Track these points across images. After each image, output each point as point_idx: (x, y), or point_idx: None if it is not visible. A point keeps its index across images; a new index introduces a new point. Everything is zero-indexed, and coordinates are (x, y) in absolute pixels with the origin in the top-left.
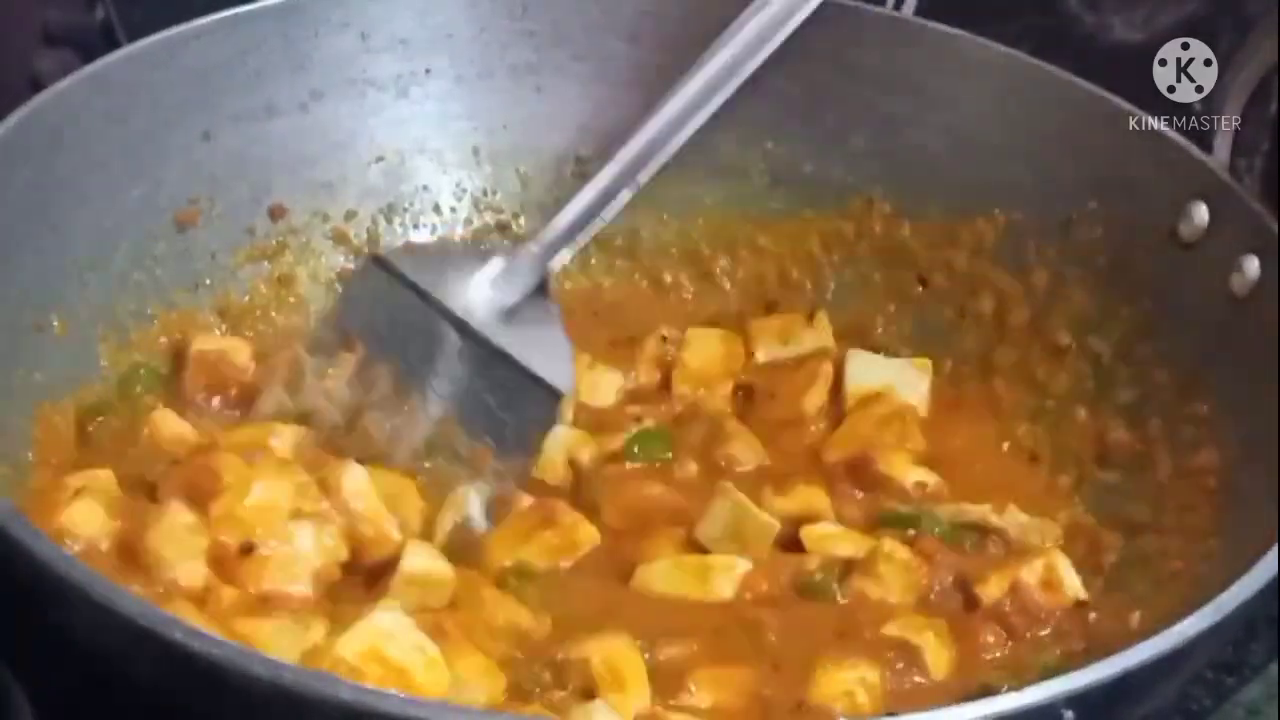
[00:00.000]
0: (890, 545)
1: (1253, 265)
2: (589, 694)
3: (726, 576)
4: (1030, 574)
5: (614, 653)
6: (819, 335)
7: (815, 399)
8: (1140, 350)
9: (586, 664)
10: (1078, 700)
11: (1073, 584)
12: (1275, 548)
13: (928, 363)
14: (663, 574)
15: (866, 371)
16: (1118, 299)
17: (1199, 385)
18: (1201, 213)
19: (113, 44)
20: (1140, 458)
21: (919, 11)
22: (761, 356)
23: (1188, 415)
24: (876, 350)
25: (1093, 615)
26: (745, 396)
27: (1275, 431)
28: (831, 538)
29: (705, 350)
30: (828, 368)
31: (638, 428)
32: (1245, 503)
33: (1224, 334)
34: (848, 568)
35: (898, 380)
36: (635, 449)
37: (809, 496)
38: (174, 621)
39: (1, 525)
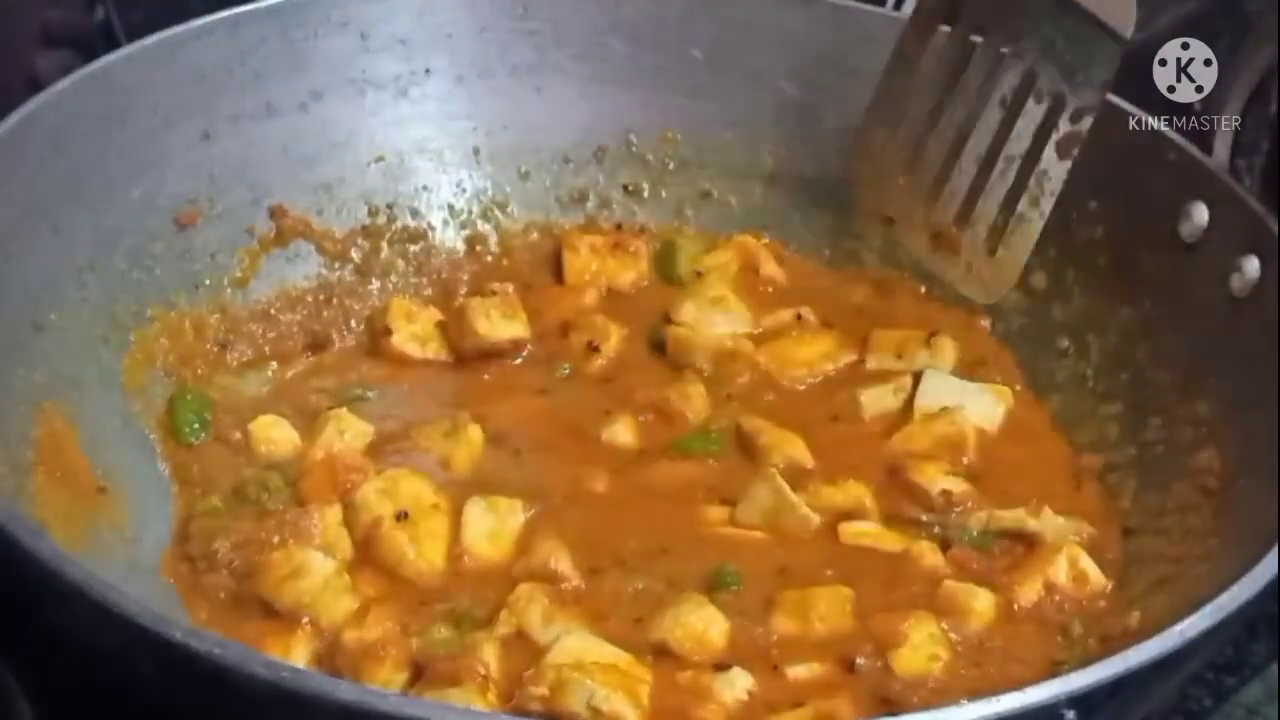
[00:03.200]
0: (920, 550)
1: (1253, 265)
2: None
3: None
4: (1058, 572)
5: (691, 620)
6: (934, 357)
7: (876, 400)
8: (1141, 350)
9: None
10: (1078, 700)
11: (1096, 574)
12: (1275, 548)
13: (1006, 390)
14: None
15: (938, 391)
16: (1119, 299)
17: (1199, 385)
18: (1201, 213)
19: (113, 44)
20: (1138, 457)
21: None
22: (872, 364)
23: (1189, 415)
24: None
25: (1101, 603)
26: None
27: (1275, 431)
28: (869, 536)
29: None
30: (905, 380)
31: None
32: (1245, 502)
33: (1224, 334)
34: None
35: (970, 403)
36: (691, 444)
37: (857, 492)
38: (174, 622)
39: (1, 525)
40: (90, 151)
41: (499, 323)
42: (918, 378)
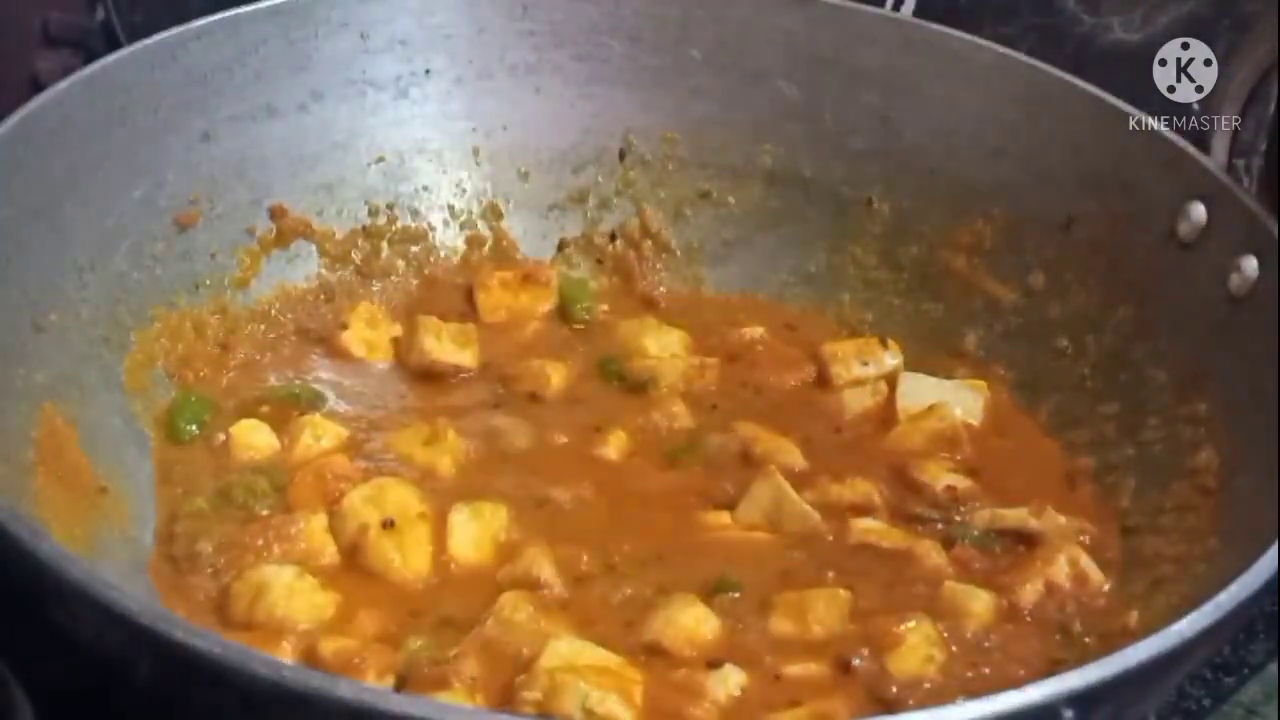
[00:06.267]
0: (924, 549)
1: (1251, 265)
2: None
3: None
4: (1059, 572)
5: (682, 619)
6: (895, 354)
7: (858, 400)
8: (1139, 350)
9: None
10: (1077, 699)
11: (1096, 573)
12: (1274, 547)
13: (983, 384)
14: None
15: (917, 392)
16: (1117, 299)
17: (1198, 385)
18: (1200, 213)
19: (113, 44)
20: (1136, 457)
21: (918, 12)
22: (845, 375)
23: (1187, 415)
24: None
25: (1100, 602)
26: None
27: (1275, 431)
28: (875, 532)
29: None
30: (881, 384)
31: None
32: (1244, 502)
33: (1223, 334)
34: None
35: (951, 399)
36: (682, 454)
37: (865, 489)
38: (174, 621)
39: (1, 525)
40: (90, 152)
41: (448, 346)
42: (888, 380)
